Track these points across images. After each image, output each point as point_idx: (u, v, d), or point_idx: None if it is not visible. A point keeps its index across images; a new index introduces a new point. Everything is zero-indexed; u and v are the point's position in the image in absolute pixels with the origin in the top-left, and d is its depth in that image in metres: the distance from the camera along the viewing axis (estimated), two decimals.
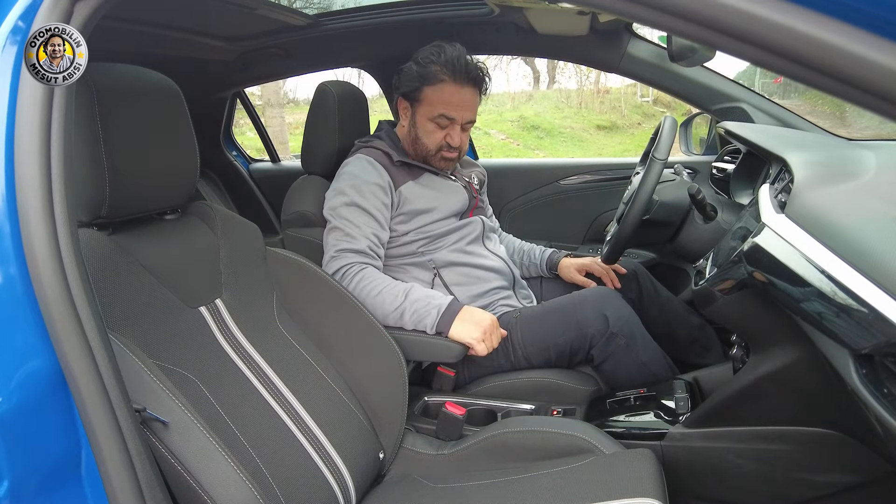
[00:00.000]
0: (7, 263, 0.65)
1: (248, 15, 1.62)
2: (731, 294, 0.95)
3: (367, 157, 1.46)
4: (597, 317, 1.34)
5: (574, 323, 1.35)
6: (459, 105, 1.44)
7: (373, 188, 1.40)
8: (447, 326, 1.26)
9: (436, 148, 1.48)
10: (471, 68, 1.43)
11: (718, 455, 1.10)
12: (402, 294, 1.29)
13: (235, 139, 2.70)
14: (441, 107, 1.43)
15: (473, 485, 1.03)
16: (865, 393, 0.64)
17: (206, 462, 0.76)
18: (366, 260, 1.35)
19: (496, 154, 8.95)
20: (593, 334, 1.34)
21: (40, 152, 0.65)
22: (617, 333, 1.32)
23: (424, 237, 1.46)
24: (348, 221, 1.37)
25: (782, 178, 0.98)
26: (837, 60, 0.42)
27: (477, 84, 1.45)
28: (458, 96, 1.43)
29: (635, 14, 0.49)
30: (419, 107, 1.47)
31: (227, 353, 0.98)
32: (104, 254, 0.85)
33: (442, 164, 1.51)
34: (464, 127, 1.48)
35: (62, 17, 0.67)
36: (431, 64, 1.42)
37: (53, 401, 0.65)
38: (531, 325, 1.40)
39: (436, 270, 1.46)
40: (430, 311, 1.27)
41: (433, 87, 1.43)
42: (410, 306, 1.28)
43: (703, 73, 1.76)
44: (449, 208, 1.49)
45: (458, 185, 1.56)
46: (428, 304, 1.28)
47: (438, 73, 1.42)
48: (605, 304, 1.36)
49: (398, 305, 1.27)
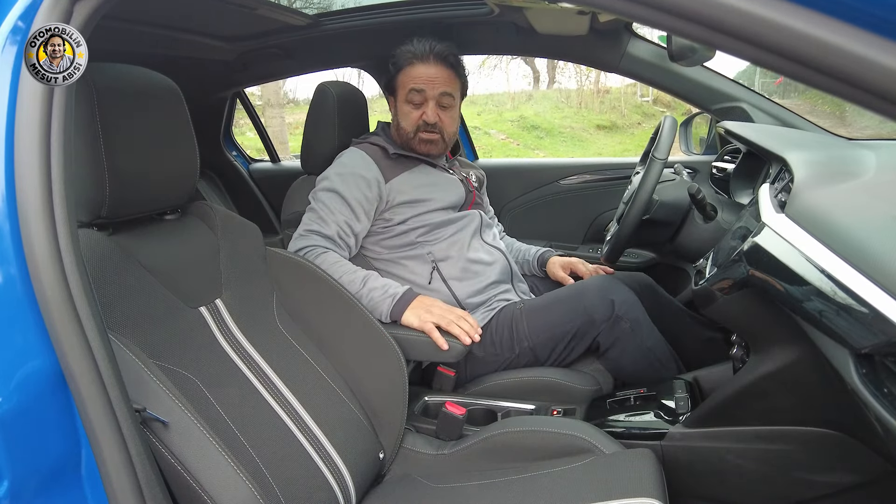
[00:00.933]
0: (7, 263, 0.65)
1: (248, 15, 1.62)
2: (731, 294, 0.95)
3: (360, 149, 1.49)
4: (603, 302, 1.36)
5: (581, 310, 1.37)
6: (427, 79, 1.47)
7: (357, 179, 1.43)
8: (399, 315, 1.28)
9: (413, 129, 1.49)
10: (435, 46, 1.47)
11: (718, 455, 1.10)
12: (361, 281, 1.31)
13: (235, 139, 2.70)
14: (410, 83, 1.48)
15: (473, 485, 1.03)
16: (865, 393, 0.64)
17: (206, 462, 0.76)
18: (330, 245, 1.37)
19: (496, 154, 8.95)
20: (599, 320, 1.35)
21: (40, 152, 0.65)
22: (622, 317, 1.35)
23: (422, 226, 1.47)
24: (324, 205, 1.41)
25: (782, 178, 0.98)
26: (837, 60, 0.42)
27: (443, 59, 1.48)
28: (425, 71, 1.47)
29: (635, 14, 0.49)
30: (396, 94, 1.52)
31: (227, 353, 0.98)
32: (104, 254, 0.85)
33: (423, 147, 1.51)
34: (441, 103, 1.49)
35: (62, 17, 0.67)
36: (401, 53, 1.50)
37: (53, 401, 0.65)
38: (537, 315, 1.41)
39: (434, 264, 1.46)
40: (385, 300, 1.29)
41: (403, 70, 1.49)
42: (367, 294, 1.30)
43: (703, 73, 1.76)
44: (445, 199, 1.50)
45: (454, 177, 1.57)
46: (385, 292, 1.30)
47: (407, 56, 1.49)
48: (609, 290, 1.38)
49: (355, 292, 1.29)
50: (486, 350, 1.40)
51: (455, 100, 1.52)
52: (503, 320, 1.43)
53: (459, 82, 1.53)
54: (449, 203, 1.51)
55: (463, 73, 1.53)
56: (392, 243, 1.47)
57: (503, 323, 1.42)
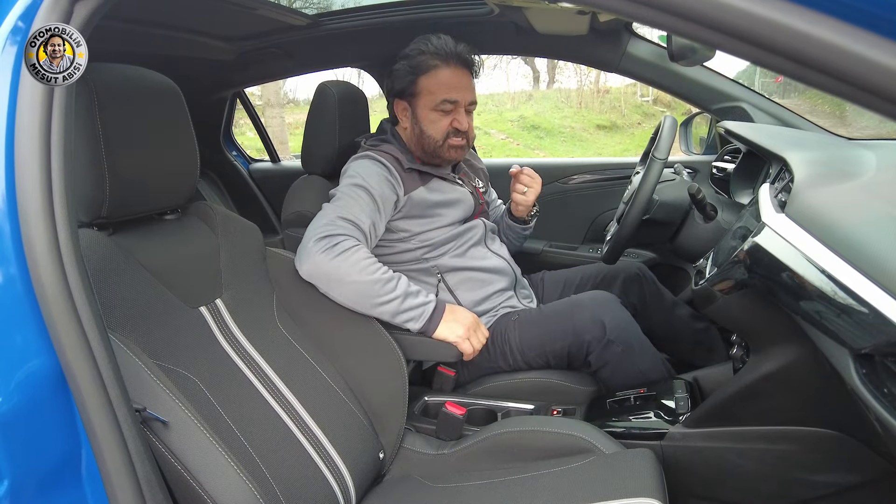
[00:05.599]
0: (7, 263, 0.65)
1: (248, 15, 1.62)
2: (731, 294, 0.95)
3: (379, 157, 1.42)
4: (593, 323, 1.33)
5: (571, 328, 1.34)
6: (458, 86, 1.42)
7: (381, 181, 1.36)
8: (434, 326, 1.24)
9: (443, 137, 1.43)
10: (460, 49, 1.42)
11: (718, 455, 1.10)
12: (395, 286, 1.22)
13: (235, 139, 2.70)
14: (442, 92, 1.41)
15: (473, 485, 1.03)
16: (865, 393, 0.64)
17: (206, 462, 0.76)
18: (362, 240, 1.26)
19: (496, 154, 8.95)
20: (590, 341, 1.32)
21: (40, 152, 0.65)
22: (614, 341, 1.31)
23: (427, 245, 1.44)
24: (356, 197, 1.30)
25: (782, 178, 0.98)
26: (837, 60, 0.42)
27: (468, 65, 1.44)
28: (456, 78, 1.41)
29: (635, 14, 0.49)
30: (418, 100, 1.44)
31: (227, 353, 0.98)
32: (104, 254, 0.85)
33: (451, 153, 1.46)
34: (467, 109, 1.45)
35: (62, 17, 0.66)
36: (421, 54, 1.41)
37: (53, 401, 0.65)
38: (529, 330, 1.39)
39: (440, 276, 1.46)
40: (424, 310, 1.23)
41: (427, 75, 1.41)
42: (402, 301, 1.21)
43: (703, 73, 1.76)
44: (455, 215, 1.48)
45: (465, 190, 1.54)
46: (421, 302, 1.24)
47: (429, 60, 1.41)
48: (602, 310, 1.35)
49: (391, 298, 1.20)
50: (481, 356, 1.37)
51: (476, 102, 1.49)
52: (498, 330, 1.42)
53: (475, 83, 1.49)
54: (457, 218, 1.49)
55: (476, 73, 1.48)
56: (399, 259, 1.45)
57: (497, 332, 1.42)
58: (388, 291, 1.20)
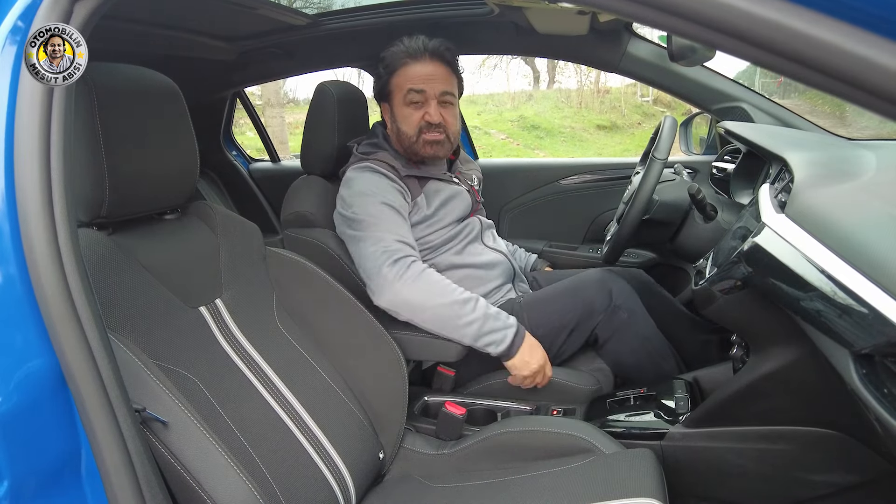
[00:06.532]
0: (7, 263, 0.65)
1: (248, 15, 1.62)
2: (731, 294, 0.95)
3: (379, 168, 1.42)
4: (601, 292, 1.37)
5: (580, 301, 1.38)
6: (426, 77, 1.41)
7: (395, 193, 1.39)
8: (512, 353, 1.27)
9: (416, 131, 1.43)
10: (431, 44, 1.42)
11: (718, 455, 1.10)
12: (475, 307, 1.25)
13: (235, 139, 2.70)
14: (407, 84, 1.42)
15: (473, 485, 1.03)
16: (865, 393, 0.64)
17: (205, 462, 0.76)
18: (419, 256, 1.31)
19: (496, 154, 8.95)
20: (598, 310, 1.37)
21: (40, 152, 0.65)
22: (620, 306, 1.36)
23: (427, 247, 1.45)
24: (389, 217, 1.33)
25: (782, 178, 0.98)
26: (837, 60, 0.42)
27: (438, 55, 1.43)
28: (421, 69, 1.41)
29: (635, 14, 0.49)
30: (393, 98, 1.46)
31: (227, 353, 0.98)
32: (104, 254, 0.85)
33: (427, 149, 1.44)
34: (441, 101, 1.43)
35: (62, 16, 0.66)
36: (392, 55, 1.44)
37: (53, 401, 0.65)
38: (538, 308, 1.41)
39: None
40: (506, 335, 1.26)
41: (397, 73, 1.43)
42: (483, 323, 1.24)
43: (703, 73, 1.76)
44: (453, 216, 1.49)
45: (461, 188, 1.55)
46: (504, 323, 1.27)
47: (399, 57, 1.43)
48: (607, 281, 1.40)
49: (472, 319, 1.24)
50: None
51: (455, 97, 1.47)
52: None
53: (456, 79, 1.48)
54: (456, 218, 1.50)
55: (458, 69, 1.49)
56: None
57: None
58: (469, 312, 1.25)
